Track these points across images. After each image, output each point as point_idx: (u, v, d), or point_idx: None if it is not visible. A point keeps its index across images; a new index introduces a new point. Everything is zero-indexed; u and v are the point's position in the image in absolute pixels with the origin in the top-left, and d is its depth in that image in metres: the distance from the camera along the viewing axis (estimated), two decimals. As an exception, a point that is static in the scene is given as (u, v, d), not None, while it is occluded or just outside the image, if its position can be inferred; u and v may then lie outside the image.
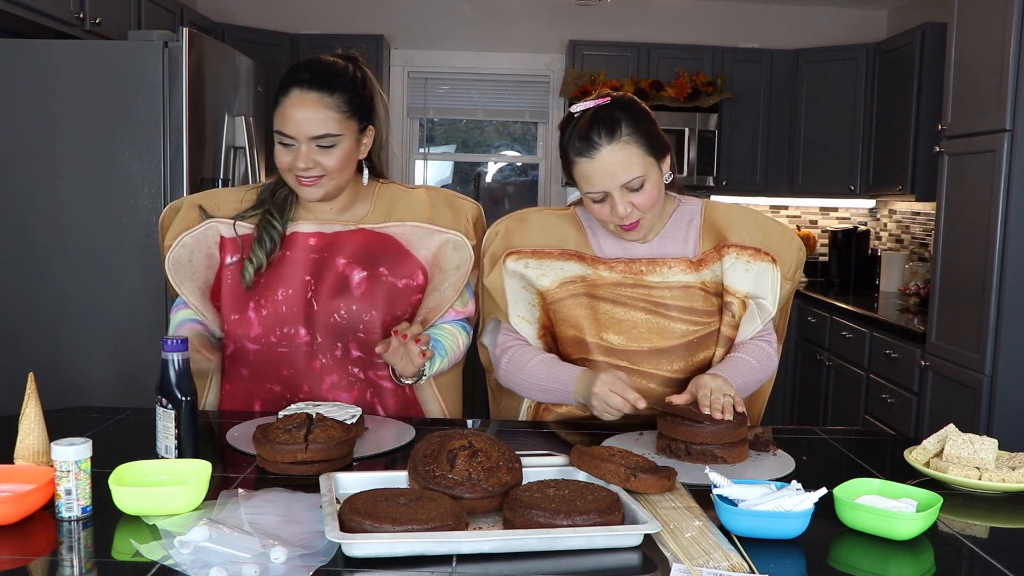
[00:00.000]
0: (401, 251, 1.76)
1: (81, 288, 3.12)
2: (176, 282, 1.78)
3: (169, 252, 1.77)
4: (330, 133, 1.65)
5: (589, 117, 1.65)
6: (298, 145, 1.65)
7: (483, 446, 1.29)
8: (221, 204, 1.80)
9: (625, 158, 1.63)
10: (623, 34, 5.20)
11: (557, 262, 1.75)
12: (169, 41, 3.09)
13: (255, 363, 1.75)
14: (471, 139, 5.55)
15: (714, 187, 5.06)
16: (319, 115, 1.64)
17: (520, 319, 1.78)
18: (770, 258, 1.76)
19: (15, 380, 1.82)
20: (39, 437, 1.33)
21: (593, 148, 1.63)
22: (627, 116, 1.64)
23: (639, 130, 1.64)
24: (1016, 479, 1.39)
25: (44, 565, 1.08)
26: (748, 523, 1.18)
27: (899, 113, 4.47)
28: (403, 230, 1.77)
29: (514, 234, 1.80)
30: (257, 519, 1.18)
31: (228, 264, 1.75)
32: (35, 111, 3.06)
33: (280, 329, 1.72)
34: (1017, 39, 2.92)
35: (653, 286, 1.74)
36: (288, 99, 1.65)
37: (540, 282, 1.75)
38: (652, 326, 1.73)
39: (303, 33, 4.90)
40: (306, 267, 1.74)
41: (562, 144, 1.69)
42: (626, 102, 1.68)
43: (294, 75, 1.67)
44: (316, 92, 1.64)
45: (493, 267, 1.78)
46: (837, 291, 4.92)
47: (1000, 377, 3.05)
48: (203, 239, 1.77)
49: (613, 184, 1.64)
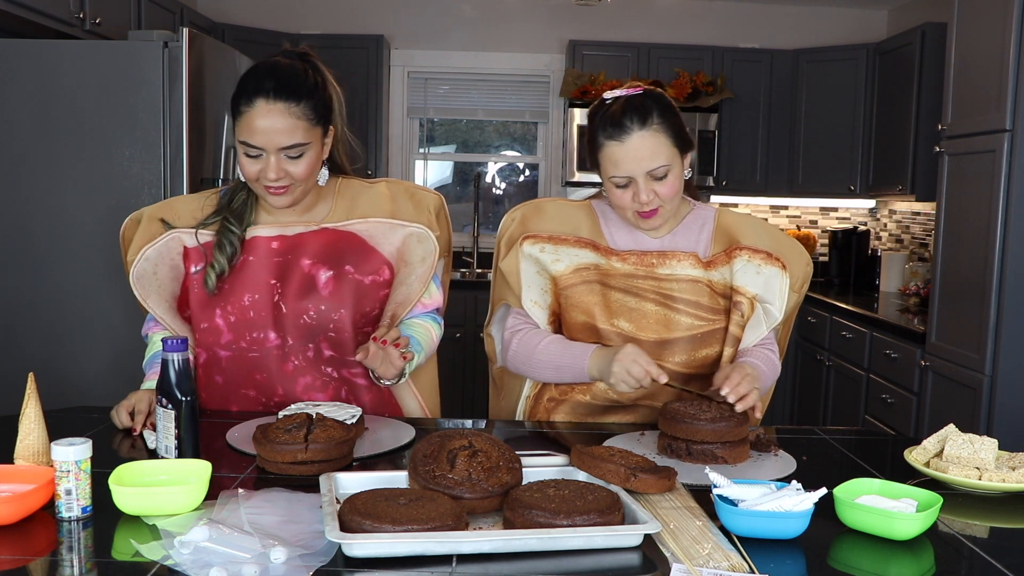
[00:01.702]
0: (365, 248, 1.77)
1: (81, 288, 3.12)
2: (142, 296, 1.75)
3: (133, 267, 1.75)
4: (299, 143, 1.64)
5: (622, 103, 1.70)
6: (266, 155, 1.63)
7: (483, 446, 1.29)
8: (181, 214, 1.79)
9: (654, 145, 1.67)
10: (623, 34, 5.20)
11: (572, 248, 1.78)
12: (169, 41, 3.09)
13: (228, 369, 1.76)
14: (471, 139, 5.55)
15: (714, 187, 5.06)
16: (287, 125, 1.62)
17: (533, 303, 1.80)
18: (780, 264, 1.78)
19: (15, 380, 1.83)
20: (39, 437, 1.33)
21: (624, 132, 1.67)
22: (658, 106, 1.70)
23: (668, 121, 1.69)
24: (1016, 479, 1.39)
25: (44, 565, 1.08)
26: (748, 523, 1.18)
27: (899, 113, 4.47)
28: (366, 227, 1.78)
29: (530, 220, 1.83)
30: (257, 519, 1.18)
31: (193, 273, 1.75)
32: (35, 111, 3.06)
33: (250, 334, 1.73)
34: (1017, 39, 2.92)
35: (663, 278, 1.76)
36: (254, 110, 1.61)
37: (554, 267, 1.77)
38: (660, 317, 1.75)
39: (303, 33, 4.89)
40: (270, 270, 1.73)
41: (591, 129, 1.73)
42: (657, 94, 1.73)
43: (259, 84, 1.63)
44: (283, 102, 1.61)
45: (509, 250, 1.81)
46: (837, 291, 4.92)
47: (1000, 377, 3.05)
48: (166, 251, 1.76)
49: (640, 169, 1.67)
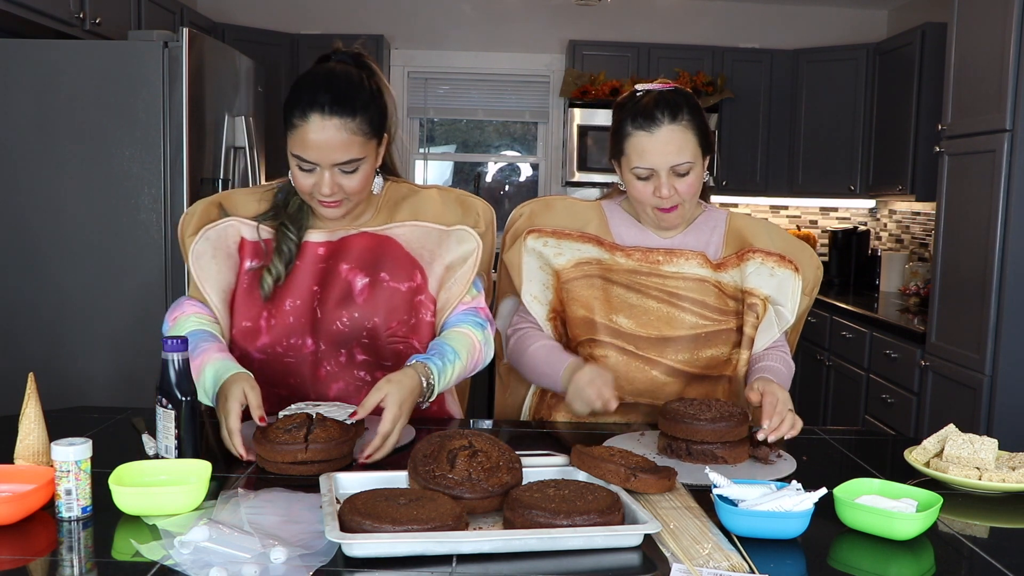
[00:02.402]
0: (401, 253, 1.72)
1: (81, 288, 3.12)
2: (200, 279, 1.69)
3: (193, 245, 1.70)
4: (354, 158, 1.59)
5: (655, 96, 1.71)
6: (320, 170, 1.59)
7: (483, 446, 1.29)
8: (238, 204, 1.75)
9: (682, 140, 1.69)
10: (623, 34, 5.20)
11: (575, 243, 1.80)
12: (169, 41, 3.09)
13: (260, 371, 1.69)
14: (471, 139, 5.55)
15: (714, 187, 5.06)
16: (342, 140, 1.56)
17: (532, 298, 1.80)
18: (793, 267, 1.79)
19: (15, 380, 1.82)
20: (39, 437, 1.33)
21: (655, 124, 1.68)
22: (688, 104, 1.72)
23: (697, 120, 1.72)
24: (1016, 479, 1.39)
25: (44, 565, 1.08)
26: (748, 523, 1.18)
27: (899, 113, 4.47)
28: (403, 231, 1.73)
29: (538, 216, 1.85)
30: (257, 519, 1.18)
31: (247, 269, 1.70)
32: (35, 111, 3.06)
33: (288, 340, 1.69)
34: (1017, 39, 2.92)
35: (668, 276, 1.77)
36: (308, 124, 1.56)
37: (556, 260, 1.79)
38: (663, 315, 1.75)
39: (303, 33, 4.90)
40: (314, 277, 1.70)
41: (618, 119, 1.74)
42: (687, 93, 1.75)
43: (313, 97, 1.56)
44: (338, 118, 1.55)
45: (514, 243, 1.83)
46: (837, 291, 4.92)
47: (1000, 377, 3.05)
48: (224, 236, 1.72)
49: (664, 163, 1.69)
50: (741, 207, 5.49)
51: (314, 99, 1.56)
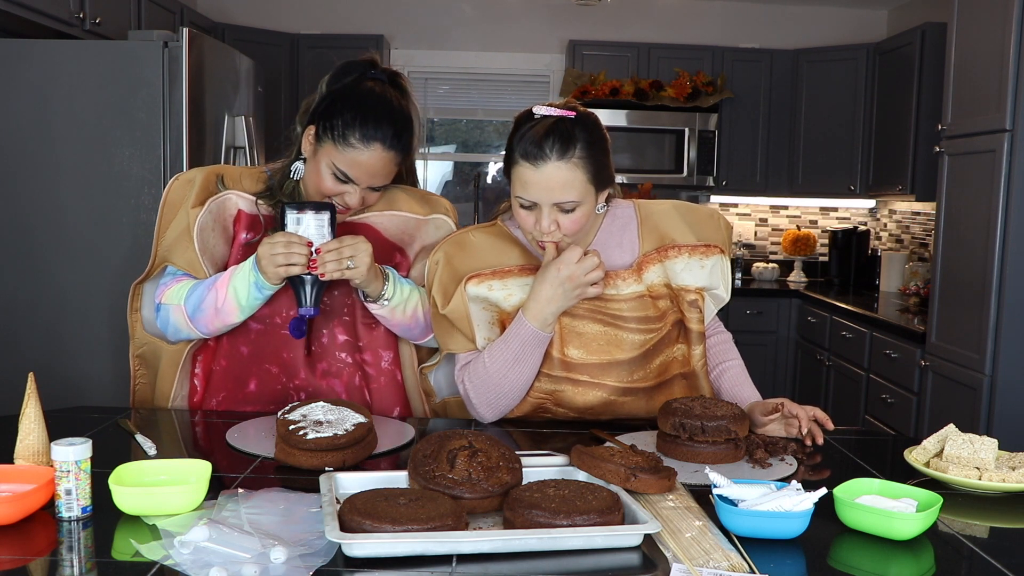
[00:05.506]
0: (380, 239, 1.79)
1: (81, 288, 3.12)
2: (201, 251, 1.71)
3: (198, 217, 1.71)
4: (386, 183, 1.74)
5: (548, 126, 1.58)
6: (354, 186, 1.70)
7: (483, 446, 1.29)
8: (238, 179, 1.79)
9: (568, 179, 1.58)
10: (623, 34, 5.20)
11: (519, 279, 1.71)
12: (169, 41, 3.09)
13: (256, 342, 1.77)
14: (471, 139, 5.55)
15: (714, 187, 5.07)
16: (387, 171, 1.71)
17: (487, 340, 1.72)
18: (719, 249, 1.77)
19: (15, 380, 1.83)
20: (39, 437, 1.33)
21: (541, 158, 1.57)
22: (584, 138, 1.59)
23: (590, 156, 1.59)
24: (1016, 479, 1.39)
25: (44, 565, 1.08)
26: (748, 523, 1.18)
27: (899, 113, 4.47)
28: (382, 219, 1.81)
29: (455, 259, 1.72)
30: (257, 519, 1.18)
31: (244, 242, 1.75)
32: (35, 111, 3.06)
33: (287, 310, 1.74)
34: (1017, 39, 2.92)
35: (608, 299, 1.72)
36: (367, 151, 1.66)
37: (508, 302, 1.70)
38: (610, 338, 1.71)
39: (303, 33, 4.90)
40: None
41: (511, 139, 1.64)
42: (590, 124, 1.62)
43: (378, 127, 1.66)
44: (395, 152, 1.69)
45: (451, 297, 1.69)
46: (837, 291, 4.92)
47: (1000, 377, 3.05)
48: (223, 209, 1.75)
49: (547, 199, 1.59)
50: (741, 207, 5.50)
51: (380, 130, 1.66)
